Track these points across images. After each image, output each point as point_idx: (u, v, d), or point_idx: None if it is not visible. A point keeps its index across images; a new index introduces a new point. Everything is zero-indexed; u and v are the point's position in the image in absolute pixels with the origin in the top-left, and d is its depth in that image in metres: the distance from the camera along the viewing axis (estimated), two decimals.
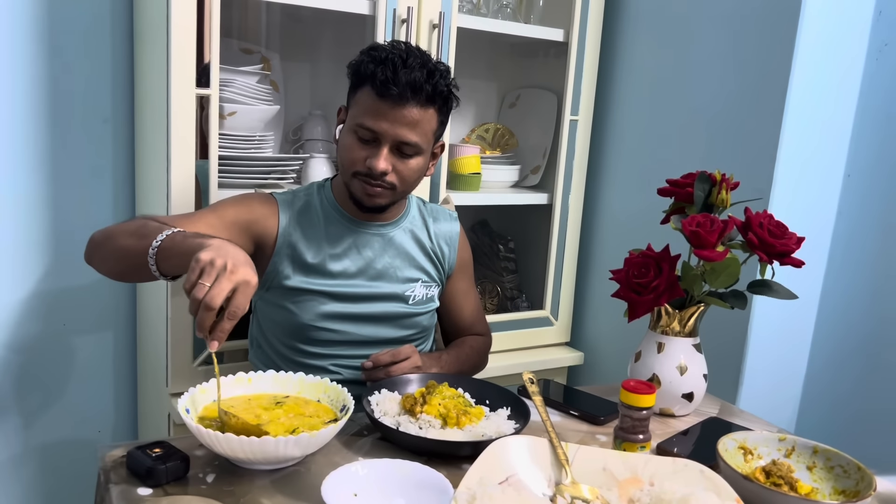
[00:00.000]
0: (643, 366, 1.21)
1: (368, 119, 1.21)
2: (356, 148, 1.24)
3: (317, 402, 1.04)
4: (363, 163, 1.23)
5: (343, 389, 1.03)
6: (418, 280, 1.38)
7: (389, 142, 1.22)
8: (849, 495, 0.92)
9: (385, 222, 1.36)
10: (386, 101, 1.19)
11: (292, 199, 1.34)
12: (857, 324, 1.66)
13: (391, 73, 1.18)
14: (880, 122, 1.60)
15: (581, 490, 0.87)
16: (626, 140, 1.95)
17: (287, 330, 1.32)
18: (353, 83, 1.26)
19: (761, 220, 1.11)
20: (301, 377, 1.07)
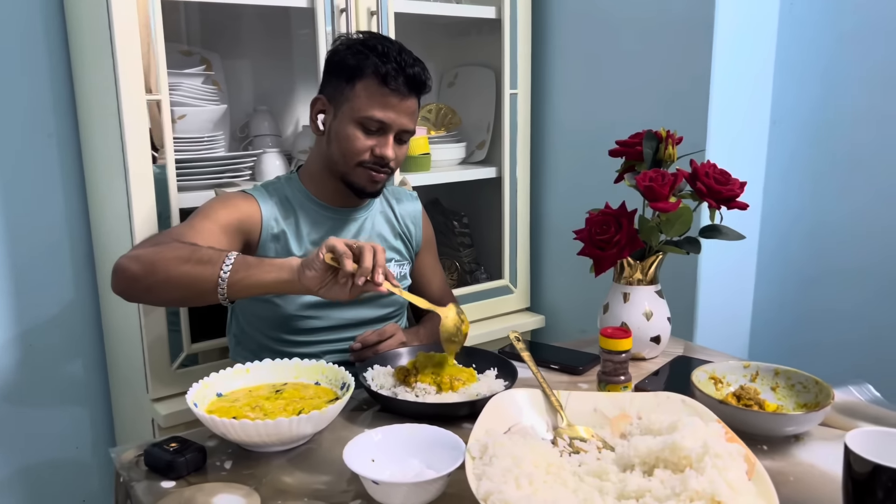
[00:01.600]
0: (612, 316, 1.29)
1: (378, 111, 1.27)
2: (362, 138, 1.29)
3: (315, 385, 1.08)
4: (370, 152, 1.30)
5: (341, 369, 1.08)
6: (392, 259, 1.44)
7: (395, 131, 1.30)
8: (810, 407, 1.02)
9: (358, 207, 1.41)
10: (395, 93, 1.26)
11: (268, 194, 1.37)
12: (795, 259, 1.79)
13: (397, 66, 1.26)
14: (797, 69, 1.73)
15: (578, 430, 0.94)
16: (566, 109, 2.03)
17: (272, 322, 1.36)
18: (347, 76, 1.29)
19: (707, 170, 1.21)
20: (297, 362, 1.11)
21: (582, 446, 0.92)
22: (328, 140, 1.33)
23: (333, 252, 1.05)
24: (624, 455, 0.85)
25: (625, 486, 0.78)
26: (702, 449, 0.79)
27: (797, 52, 1.72)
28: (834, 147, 1.70)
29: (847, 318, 1.71)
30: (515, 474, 0.78)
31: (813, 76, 1.71)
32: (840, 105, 1.68)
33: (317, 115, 1.35)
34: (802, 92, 1.73)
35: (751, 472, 0.78)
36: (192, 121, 1.67)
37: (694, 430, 0.84)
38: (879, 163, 1.62)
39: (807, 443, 0.98)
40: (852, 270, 1.69)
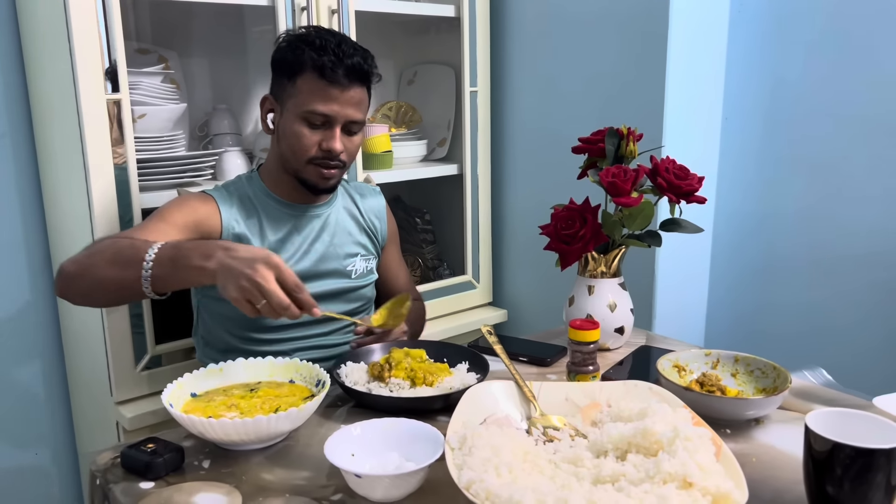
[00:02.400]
0: (577, 309, 1.33)
1: (319, 104, 1.26)
2: (308, 134, 1.28)
3: (289, 384, 1.09)
4: (318, 147, 1.29)
5: (315, 366, 1.09)
6: (357, 254, 1.45)
7: (341, 123, 1.29)
8: (769, 391, 1.07)
9: (320, 203, 1.41)
10: (335, 85, 1.25)
11: (226, 194, 1.37)
12: (747, 251, 1.86)
13: (335, 58, 1.24)
14: (747, 67, 1.79)
15: (551, 420, 0.97)
16: (525, 106, 2.06)
17: (238, 322, 1.35)
18: (288, 72, 1.29)
19: (667, 166, 1.25)
20: (270, 361, 1.12)
21: (555, 435, 0.94)
22: (278, 138, 1.33)
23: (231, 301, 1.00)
24: (597, 441, 0.88)
25: (599, 471, 0.81)
26: (672, 433, 0.82)
27: (747, 50, 1.79)
28: (782, 142, 1.77)
29: (796, 306, 1.78)
30: (495, 463, 0.80)
31: (762, 74, 1.77)
32: (788, 102, 1.74)
33: (266, 114, 1.36)
34: (752, 89, 1.79)
35: (718, 453, 0.82)
36: (151, 120, 1.65)
37: (663, 416, 0.87)
38: (826, 158, 1.69)
39: (766, 425, 1.03)
40: (801, 261, 1.76)
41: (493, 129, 2.14)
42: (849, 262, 1.68)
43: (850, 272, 1.68)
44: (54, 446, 1.84)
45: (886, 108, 1.58)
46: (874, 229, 1.63)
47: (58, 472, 1.86)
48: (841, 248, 1.69)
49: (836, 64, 1.65)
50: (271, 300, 0.97)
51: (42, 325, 1.79)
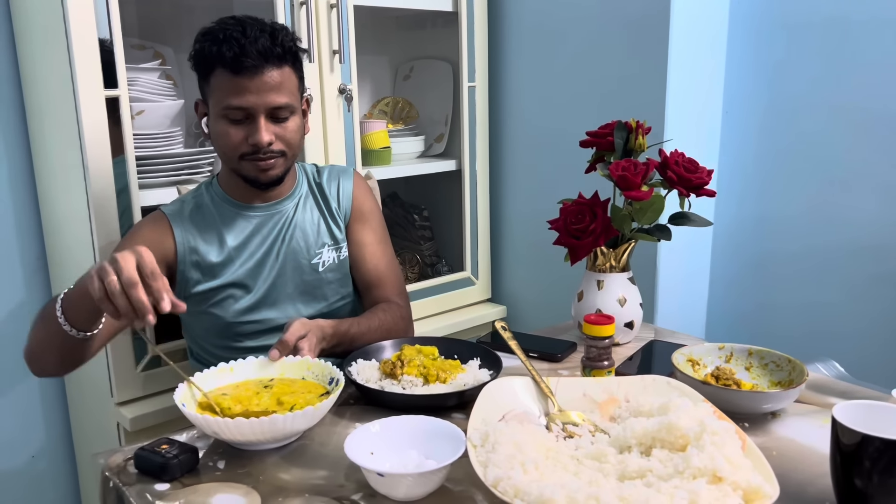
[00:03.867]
0: (586, 303, 1.32)
1: (234, 98, 1.19)
2: (232, 131, 1.22)
3: (302, 380, 1.07)
4: (245, 143, 1.22)
5: (328, 364, 1.07)
6: (324, 245, 1.37)
7: (262, 112, 1.21)
8: (784, 384, 1.07)
9: (279, 199, 1.35)
10: (243, 75, 1.18)
11: (181, 208, 1.32)
12: (748, 244, 1.86)
13: (238, 47, 1.17)
14: (747, 61, 1.79)
15: (570, 416, 0.96)
16: (524, 101, 2.05)
17: (215, 332, 1.33)
18: (202, 72, 1.24)
19: (676, 159, 1.24)
20: (281, 359, 1.10)
21: (575, 431, 0.93)
22: (212, 141, 1.28)
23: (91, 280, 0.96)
24: (620, 437, 0.87)
25: (625, 467, 0.81)
26: (699, 427, 0.82)
27: (747, 44, 1.79)
28: (782, 136, 1.77)
29: (797, 300, 1.79)
30: (520, 460, 0.80)
31: (762, 68, 1.78)
32: (788, 95, 1.75)
33: (201, 118, 1.30)
34: (752, 83, 1.80)
35: (743, 447, 0.82)
36: (149, 117, 1.63)
37: (686, 411, 0.87)
38: (826, 152, 1.70)
39: (783, 419, 1.03)
40: (802, 255, 1.77)
41: (491, 125, 2.13)
42: (850, 255, 1.68)
43: (852, 265, 1.68)
44: (50, 449, 1.81)
45: (887, 101, 1.59)
46: (875, 222, 1.63)
47: (54, 476, 1.83)
48: (842, 241, 1.69)
49: (836, 56, 1.65)
50: (121, 275, 0.92)
51: None
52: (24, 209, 1.70)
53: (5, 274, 1.70)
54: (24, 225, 1.71)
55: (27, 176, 1.70)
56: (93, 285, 0.95)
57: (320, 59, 1.73)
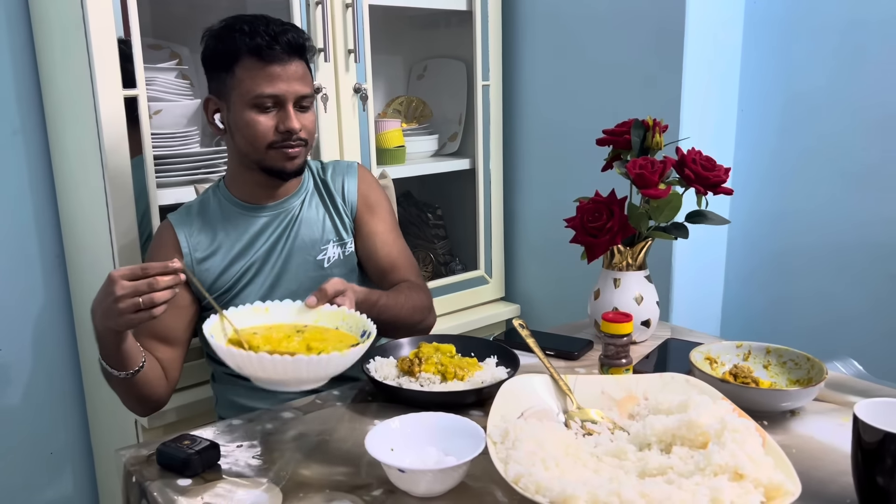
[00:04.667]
0: (603, 302, 1.32)
1: (265, 86, 1.22)
2: (262, 119, 1.24)
3: (335, 330, 1.04)
4: (275, 131, 1.25)
5: (362, 316, 1.04)
6: (329, 241, 1.37)
7: (291, 100, 1.24)
8: (803, 382, 1.07)
9: (286, 197, 1.36)
10: (274, 64, 1.22)
11: (187, 215, 1.34)
12: (762, 242, 1.85)
13: (269, 37, 1.20)
14: (763, 58, 1.79)
15: (589, 413, 0.96)
16: (538, 100, 2.05)
17: None
18: (224, 64, 1.24)
19: (694, 157, 1.24)
20: (319, 308, 1.08)
21: (594, 428, 0.94)
22: (232, 135, 1.28)
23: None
24: (640, 434, 0.87)
25: (645, 464, 0.81)
26: (720, 425, 0.82)
27: (763, 41, 1.78)
28: (799, 133, 1.76)
29: (813, 298, 1.78)
30: (541, 456, 0.80)
31: (778, 65, 1.77)
32: (804, 93, 1.74)
33: (213, 116, 1.31)
34: (768, 81, 1.79)
35: (764, 444, 0.82)
36: (166, 116, 1.64)
37: (706, 408, 0.87)
38: (842, 149, 1.69)
39: (802, 417, 1.03)
40: (817, 252, 1.76)
41: (505, 124, 2.13)
42: (867, 253, 1.67)
43: (870, 264, 1.67)
44: (69, 446, 1.83)
45: None
46: (893, 220, 1.62)
47: (72, 472, 1.85)
48: (859, 239, 1.68)
49: (853, 54, 1.65)
50: (130, 288, 0.99)
51: (57, 325, 1.77)
52: (43, 209, 1.72)
53: (24, 273, 1.71)
54: (43, 224, 1.72)
55: (46, 176, 1.71)
56: (129, 320, 1.01)
57: (336, 58, 1.74)
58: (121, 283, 1.00)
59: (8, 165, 1.66)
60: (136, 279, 1.00)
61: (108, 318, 1.03)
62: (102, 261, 1.52)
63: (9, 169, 1.67)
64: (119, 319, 1.01)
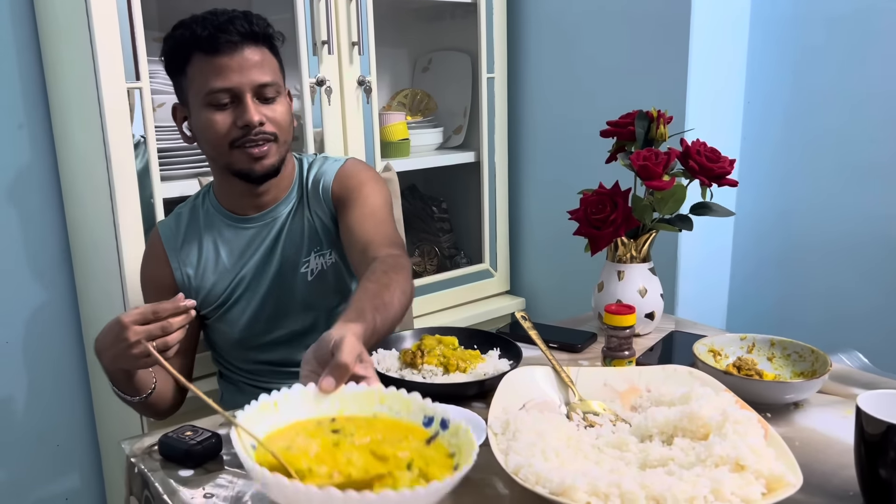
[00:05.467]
0: (607, 294, 1.32)
1: (216, 80, 1.13)
2: (218, 117, 1.15)
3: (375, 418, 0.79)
4: (234, 128, 1.15)
5: (403, 393, 0.79)
6: (311, 252, 1.27)
7: (248, 90, 1.14)
8: (807, 375, 1.06)
9: (273, 206, 1.27)
10: (223, 54, 1.13)
11: (175, 228, 1.30)
12: (769, 235, 1.84)
13: (212, 27, 1.13)
14: (770, 51, 1.77)
15: (591, 405, 0.96)
16: (543, 92, 2.04)
17: (231, 346, 1.33)
18: (178, 66, 1.18)
19: (698, 149, 1.23)
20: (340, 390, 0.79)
21: (596, 420, 0.93)
22: (197, 141, 1.22)
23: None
24: (641, 426, 0.87)
25: (647, 455, 0.80)
26: (721, 416, 0.81)
27: (769, 34, 1.77)
28: (805, 126, 1.75)
29: (819, 291, 1.77)
30: (541, 447, 0.80)
31: (784, 57, 1.76)
32: (811, 85, 1.72)
33: (181, 123, 1.24)
34: (774, 73, 1.78)
35: (766, 436, 0.81)
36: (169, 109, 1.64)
37: (709, 400, 0.86)
38: (850, 142, 1.67)
39: (806, 409, 1.02)
40: (824, 245, 1.75)
41: (510, 116, 2.12)
42: (874, 246, 1.66)
43: (876, 257, 1.66)
44: (75, 438, 1.84)
45: None
46: None
47: (79, 464, 1.86)
48: (866, 232, 1.67)
49: (861, 46, 1.63)
50: (143, 332, 0.97)
51: (62, 318, 1.78)
52: (49, 202, 1.72)
53: (30, 269, 1.72)
54: (49, 218, 1.73)
55: (51, 169, 1.72)
56: (143, 362, 1.01)
57: (339, 50, 1.74)
58: (133, 330, 0.97)
59: (13, 159, 1.67)
60: (146, 322, 0.97)
61: (119, 361, 1.03)
62: (108, 254, 1.53)
63: (14, 163, 1.67)
64: (134, 363, 1.00)
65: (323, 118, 1.73)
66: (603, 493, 0.71)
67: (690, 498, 0.70)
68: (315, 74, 1.70)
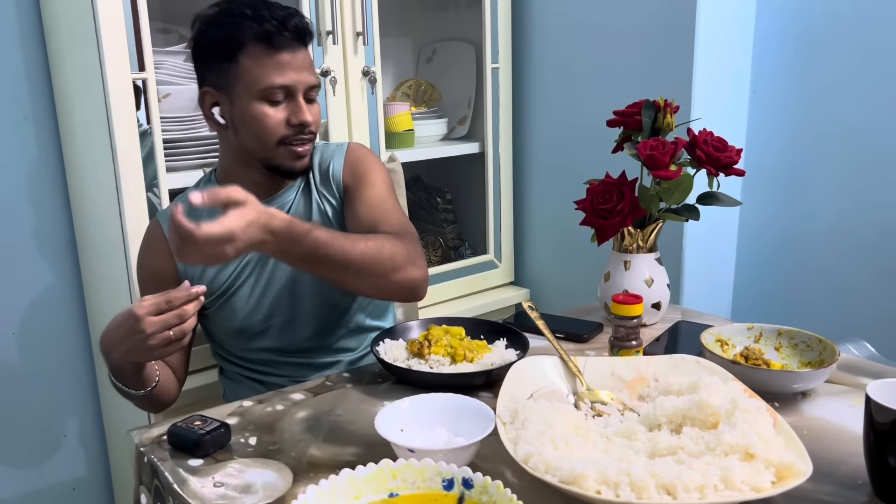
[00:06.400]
0: (613, 284, 1.32)
1: (276, 77, 1.13)
2: (271, 113, 1.15)
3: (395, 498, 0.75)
4: (285, 125, 1.16)
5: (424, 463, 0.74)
6: None
7: (302, 91, 1.17)
8: (814, 364, 1.06)
9: (281, 191, 1.27)
10: (283, 51, 1.14)
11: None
12: (774, 225, 1.84)
13: (277, 22, 1.13)
14: (775, 41, 1.77)
15: (599, 394, 0.96)
16: (548, 82, 2.04)
17: (233, 334, 1.30)
18: (226, 54, 1.14)
19: (705, 138, 1.23)
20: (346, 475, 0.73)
21: (604, 409, 0.93)
22: (234, 131, 1.19)
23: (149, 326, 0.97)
24: (650, 415, 0.87)
25: (655, 444, 0.81)
26: (730, 405, 0.81)
27: (775, 21, 1.76)
28: (812, 115, 1.74)
29: (825, 280, 1.77)
30: (550, 436, 0.80)
31: (790, 47, 1.75)
32: (817, 75, 1.72)
33: (210, 109, 1.21)
34: (780, 61, 1.77)
35: (775, 425, 0.81)
36: (175, 100, 1.64)
37: (717, 389, 0.86)
38: (856, 131, 1.67)
39: (814, 399, 1.02)
40: (829, 234, 1.75)
41: (514, 106, 2.12)
42: (880, 236, 1.66)
43: (883, 246, 1.66)
44: (81, 429, 1.85)
45: None
46: None
47: (86, 455, 1.86)
48: (872, 221, 1.67)
49: (866, 33, 1.62)
50: (160, 323, 0.96)
51: (68, 310, 1.78)
52: (54, 193, 1.72)
53: (36, 257, 1.72)
54: (54, 208, 1.73)
55: (56, 160, 1.72)
56: (160, 352, 0.99)
57: (344, 40, 1.73)
58: (148, 321, 0.96)
59: (19, 150, 1.67)
60: (160, 312, 0.97)
61: (133, 354, 1.02)
62: (113, 244, 1.53)
63: (20, 153, 1.67)
64: (151, 354, 0.99)
65: (328, 109, 1.73)
66: (613, 482, 0.71)
67: (701, 486, 0.70)
68: (320, 65, 1.70)
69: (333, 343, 1.32)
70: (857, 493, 0.80)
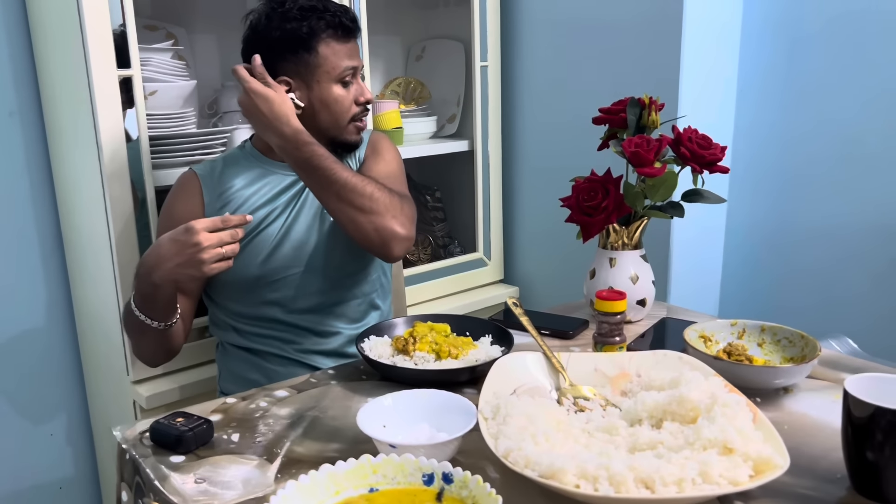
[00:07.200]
0: (598, 281, 1.32)
1: (347, 61, 1.31)
2: (346, 94, 1.33)
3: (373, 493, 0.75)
4: (354, 104, 1.34)
5: (404, 458, 0.75)
6: None
7: (360, 72, 1.36)
8: (797, 360, 1.07)
9: None
10: (349, 39, 1.32)
11: (211, 169, 1.37)
12: (762, 224, 1.85)
13: (344, 15, 1.30)
14: (764, 37, 1.77)
15: (581, 390, 0.96)
16: (537, 80, 2.04)
17: (241, 289, 1.33)
18: (305, 45, 1.29)
19: (689, 135, 1.23)
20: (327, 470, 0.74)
21: (586, 405, 0.94)
22: (315, 112, 1.33)
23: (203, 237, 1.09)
24: (631, 410, 0.87)
25: (636, 439, 0.81)
26: (710, 400, 0.82)
27: (763, 20, 1.77)
28: (799, 113, 1.75)
29: (812, 277, 1.77)
30: (531, 432, 0.80)
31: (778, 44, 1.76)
32: (805, 73, 1.72)
33: (291, 93, 1.31)
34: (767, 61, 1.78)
35: (755, 420, 0.82)
36: (162, 97, 1.64)
37: (697, 384, 0.87)
38: (844, 129, 1.68)
39: (796, 394, 1.03)
40: (817, 231, 1.75)
41: (503, 105, 2.12)
42: (866, 234, 1.67)
43: (868, 245, 1.67)
44: (68, 428, 1.84)
45: None
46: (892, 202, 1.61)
47: (72, 454, 1.86)
48: (858, 220, 1.68)
49: (856, 34, 1.63)
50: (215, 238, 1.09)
51: (54, 308, 1.78)
52: (40, 190, 1.72)
53: (22, 255, 1.72)
54: (40, 206, 1.72)
55: (42, 157, 1.71)
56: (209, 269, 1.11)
57: None
58: (204, 235, 1.08)
59: (4, 147, 1.66)
60: (216, 230, 1.09)
61: (185, 266, 1.10)
62: (99, 242, 1.53)
63: (5, 150, 1.66)
64: (202, 268, 1.09)
65: None
66: (591, 476, 0.72)
67: (679, 480, 0.71)
68: None
69: (336, 306, 1.38)
70: (835, 487, 0.80)
